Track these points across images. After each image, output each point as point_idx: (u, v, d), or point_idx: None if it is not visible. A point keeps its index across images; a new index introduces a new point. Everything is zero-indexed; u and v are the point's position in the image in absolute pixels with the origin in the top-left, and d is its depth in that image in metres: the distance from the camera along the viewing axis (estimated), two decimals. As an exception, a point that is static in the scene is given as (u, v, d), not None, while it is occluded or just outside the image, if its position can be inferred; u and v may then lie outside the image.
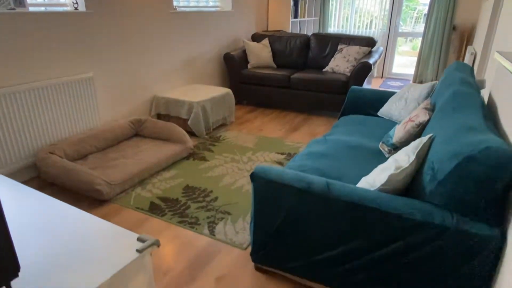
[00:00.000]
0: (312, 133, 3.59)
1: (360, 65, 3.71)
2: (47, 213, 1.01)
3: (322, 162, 1.92)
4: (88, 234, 0.92)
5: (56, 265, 0.80)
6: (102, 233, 0.92)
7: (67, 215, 1.00)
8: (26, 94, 2.40)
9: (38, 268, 0.79)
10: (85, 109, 2.83)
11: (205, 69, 4.29)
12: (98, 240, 0.89)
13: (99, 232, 0.93)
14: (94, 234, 0.92)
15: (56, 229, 0.93)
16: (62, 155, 2.51)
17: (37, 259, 0.82)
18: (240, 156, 3.00)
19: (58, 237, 0.90)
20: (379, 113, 2.82)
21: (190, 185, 2.51)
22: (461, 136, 1.27)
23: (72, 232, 0.92)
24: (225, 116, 3.76)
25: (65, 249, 0.85)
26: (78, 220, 0.98)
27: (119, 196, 2.35)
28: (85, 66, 2.83)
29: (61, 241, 0.88)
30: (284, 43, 4.60)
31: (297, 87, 4.07)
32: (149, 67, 3.46)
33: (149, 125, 3.14)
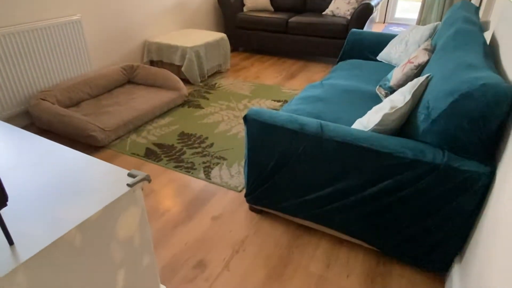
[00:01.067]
0: (310, 80, 3.52)
1: (361, 7, 3.53)
2: (37, 150, 1.00)
3: (317, 106, 1.90)
4: (79, 170, 0.92)
5: (46, 197, 0.81)
6: (93, 169, 0.92)
7: (58, 152, 1.00)
8: (10, 37, 2.29)
9: (28, 200, 0.80)
10: (74, 54, 2.73)
11: (199, 12, 4.08)
12: (89, 176, 0.89)
13: (90, 168, 0.93)
14: (85, 170, 0.92)
15: (46, 165, 0.93)
16: (54, 102, 2.46)
17: (27, 191, 0.82)
18: (236, 104, 2.96)
19: (48, 171, 0.90)
20: (378, 57, 2.74)
21: (185, 132, 2.50)
22: (459, 73, 1.23)
23: (62, 168, 0.92)
24: (220, 63, 3.65)
25: (55, 183, 0.86)
26: (69, 157, 0.97)
27: (114, 142, 2.35)
28: (71, 8, 2.67)
29: (51, 176, 0.89)
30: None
31: (295, 31, 3.91)
32: (139, 9, 3.28)
33: (141, 71, 3.05)
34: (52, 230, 0.71)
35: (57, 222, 0.73)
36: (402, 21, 6.06)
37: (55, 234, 0.70)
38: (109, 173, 0.90)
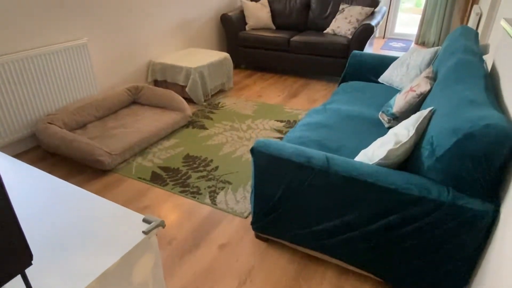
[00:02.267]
0: (312, 99, 3.56)
1: (362, 28, 3.59)
2: (52, 193, 1.03)
3: (321, 133, 1.93)
4: (94, 215, 0.94)
5: (64, 248, 0.83)
6: (108, 214, 0.94)
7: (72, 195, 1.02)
8: (20, 63, 2.34)
9: (47, 252, 0.82)
10: (81, 76, 2.77)
11: (201, 31, 4.15)
12: (104, 222, 0.92)
13: (104, 213, 0.95)
14: (100, 215, 0.94)
15: (61, 211, 0.95)
16: (61, 125, 2.50)
17: (44, 243, 0.84)
18: (239, 124, 3.00)
19: (63, 219, 0.93)
20: (380, 80, 2.78)
21: (190, 154, 2.53)
22: (462, 110, 1.26)
23: (77, 213, 0.95)
24: (223, 82, 3.70)
25: (72, 232, 0.88)
26: (83, 200, 1.00)
27: (120, 166, 2.38)
28: (79, 32, 2.73)
29: (67, 223, 0.91)
30: (283, 2, 4.41)
31: (297, 50, 3.97)
32: (144, 31, 3.34)
33: (146, 92, 3.10)
34: (73, 284, 0.73)
35: (77, 275, 0.75)
36: (401, 36, 6.14)
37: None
38: (124, 218, 0.93)
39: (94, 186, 2.17)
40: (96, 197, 1.02)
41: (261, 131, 2.88)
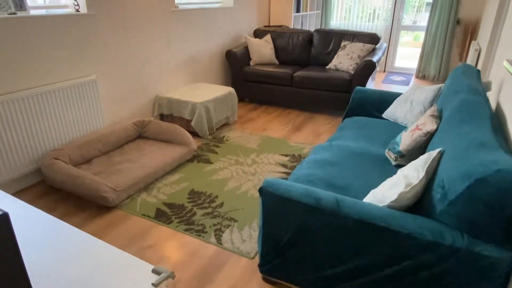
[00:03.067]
0: (316, 133, 3.58)
1: (364, 64, 3.68)
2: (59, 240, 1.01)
3: (329, 170, 1.92)
4: (102, 265, 0.92)
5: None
6: (116, 264, 0.92)
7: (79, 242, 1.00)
8: (30, 100, 2.38)
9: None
10: (89, 112, 2.81)
11: (207, 66, 4.25)
12: (113, 272, 0.89)
13: (113, 262, 0.93)
14: (108, 264, 0.92)
15: (69, 259, 0.93)
16: (67, 161, 2.50)
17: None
18: (244, 158, 3.00)
19: (72, 267, 0.90)
20: (384, 115, 2.81)
21: (195, 189, 2.51)
22: (472, 153, 1.26)
23: (85, 263, 0.92)
24: (228, 116, 3.74)
25: (80, 283, 0.85)
26: (91, 248, 0.98)
27: (124, 202, 2.35)
28: (88, 69, 2.80)
29: (75, 273, 0.88)
30: (286, 39, 4.55)
31: (300, 85, 4.04)
32: (151, 67, 3.43)
33: (152, 126, 3.13)
34: None
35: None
36: (402, 70, 6.27)
37: None
38: (133, 268, 0.90)
39: (98, 223, 2.14)
40: (105, 244, 1.00)
41: (266, 165, 2.88)
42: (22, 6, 2.36)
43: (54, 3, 2.65)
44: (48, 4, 2.62)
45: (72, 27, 2.62)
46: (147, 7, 3.23)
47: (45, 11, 2.58)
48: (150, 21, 3.30)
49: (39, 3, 2.56)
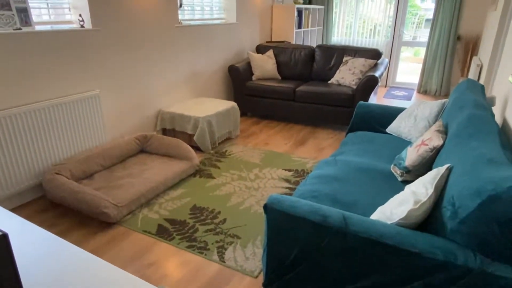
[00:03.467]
0: (319, 147, 3.56)
1: (366, 79, 3.69)
2: (59, 259, 0.98)
3: (334, 186, 1.89)
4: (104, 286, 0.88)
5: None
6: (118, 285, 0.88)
7: (80, 262, 0.97)
8: (33, 114, 2.38)
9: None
10: (91, 126, 2.81)
11: (210, 81, 4.27)
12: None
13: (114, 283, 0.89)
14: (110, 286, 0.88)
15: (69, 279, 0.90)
16: (69, 176, 2.48)
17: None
18: (247, 173, 2.97)
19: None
20: (388, 130, 2.79)
21: (197, 205, 2.47)
22: (482, 169, 1.23)
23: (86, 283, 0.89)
24: (230, 130, 3.73)
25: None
26: (92, 267, 0.94)
27: (126, 218, 2.32)
28: (91, 84, 2.81)
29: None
30: (288, 54, 4.59)
31: (302, 100, 4.05)
32: (154, 82, 3.44)
33: (155, 141, 3.11)
34: None
35: None
36: (403, 85, 6.29)
37: None
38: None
39: (99, 240, 2.10)
40: (105, 263, 0.96)
41: (269, 180, 2.84)
42: (27, 22, 2.38)
43: (59, 19, 2.68)
44: (53, 19, 2.64)
45: (77, 42, 2.64)
46: (151, 23, 3.26)
47: (50, 26, 2.61)
48: (154, 36, 3.33)
49: (44, 18, 2.59)
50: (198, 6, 4.08)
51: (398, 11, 5.91)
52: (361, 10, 6.27)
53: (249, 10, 4.83)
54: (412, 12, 6.29)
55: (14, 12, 2.30)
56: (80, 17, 2.71)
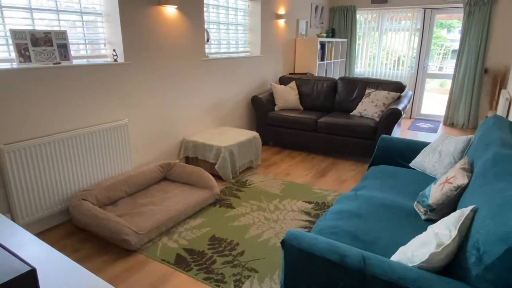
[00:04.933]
0: (340, 179, 3.52)
1: (390, 111, 3.67)
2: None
3: (354, 223, 1.86)
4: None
5: None
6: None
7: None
8: (65, 142, 2.51)
9: None
10: (118, 154, 2.92)
11: (233, 111, 4.38)
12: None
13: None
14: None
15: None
16: (94, 201, 2.57)
17: None
18: (266, 204, 2.96)
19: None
20: (411, 165, 2.74)
21: (216, 235, 2.48)
22: (508, 213, 1.19)
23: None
24: (251, 159, 3.77)
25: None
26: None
27: (146, 246, 2.35)
28: (121, 113, 2.95)
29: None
30: (311, 86, 4.66)
31: (324, 130, 4.06)
32: (179, 111, 3.57)
33: (177, 169, 3.19)
34: None
35: None
36: (428, 117, 6.18)
37: None
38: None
39: (118, 267, 2.13)
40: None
41: (289, 212, 2.82)
42: (66, 56, 2.58)
43: (95, 53, 2.88)
44: (89, 54, 2.84)
45: (109, 75, 2.81)
46: (179, 57, 3.43)
47: (87, 60, 2.80)
48: (181, 69, 3.49)
49: (81, 53, 2.79)
50: (224, 41, 4.26)
51: (422, 42, 5.92)
52: (385, 42, 6.33)
53: (273, 43, 4.99)
54: (438, 44, 6.28)
55: (55, 48, 2.50)
56: (114, 51, 2.90)
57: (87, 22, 2.78)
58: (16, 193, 2.28)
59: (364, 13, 6.41)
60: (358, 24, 6.46)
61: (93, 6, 2.80)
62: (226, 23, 4.22)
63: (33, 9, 2.41)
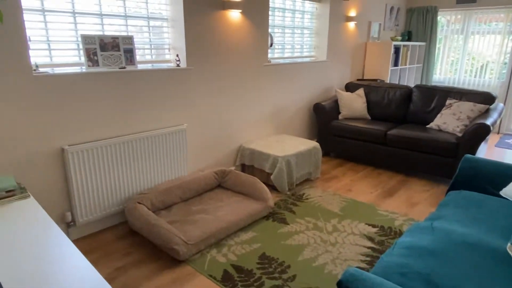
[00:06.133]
0: (411, 202, 3.12)
1: (476, 127, 3.16)
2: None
3: (429, 263, 1.55)
4: None
5: None
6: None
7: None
8: (126, 145, 2.56)
9: None
10: (175, 158, 2.92)
11: (293, 119, 4.19)
12: None
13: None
14: None
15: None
16: (149, 206, 2.57)
17: None
18: (324, 223, 2.72)
19: None
20: (502, 193, 2.28)
21: (267, 253, 2.31)
22: None
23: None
24: (310, 171, 3.54)
25: None
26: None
27: (194, 257, 2.27)
28: (180, 118, 2.95)
29: None
30: (381, 94, 4.27)
31: (394, 144, 3.66)
32: (238, 117, 3.48)
33: (232, 177, 3.09)
34: None
35: None
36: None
37: None
38: None
39: (165, 277, 2.08)
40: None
41: (349, 235, 2.54)
42: (131, 61, 2.63)
43: (160, 58, 2.91)
44: (154, 59, 2.88)
45: (172, 80, 2.81)
46: (241, 62, 3.35)
47: (151, 65, 2.84)
48: (242, 74, 3.40)
49: (147, 58, 2.84)
50: (289, 45, 4.10)
51: (518, 47, 5.11)
52: (470, 46, 5.61)
53: (341, 48, 4.70)
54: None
55: (121, 52, 2.56)
56: (177, 56, 2.90)
57: (153, 27, 2.82)
58: (77, 193, 2.36)
59: (447, 14, 5.76)
60: (439, 26, 5.83)
61: (160, 11, 2.83)
62: (291, 27, 4.05)
63: (103, 14, 2.50)
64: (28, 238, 1.22)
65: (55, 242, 1.20)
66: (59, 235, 1.24)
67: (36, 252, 1.14)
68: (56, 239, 1.22)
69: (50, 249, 1.15)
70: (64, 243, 1.19)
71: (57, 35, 2.31)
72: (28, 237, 1.23)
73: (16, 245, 1.18)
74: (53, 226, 1.29)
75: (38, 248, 1.16)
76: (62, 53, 2.36)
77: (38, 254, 1.13)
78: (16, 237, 1.23)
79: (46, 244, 1.18)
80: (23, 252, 1.14)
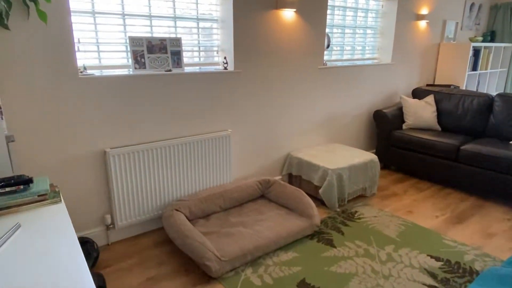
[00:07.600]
0: (486, 232, 2.63)
1: None
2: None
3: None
4: None
5: None
6: None
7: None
8: (169, 149, 2.49)
9: None
10: (218, 165, 2.80)
11: (348, 127, 3.84)
12: None
13: None
14: None
15: None
16: (187, 213, 2.48)
17: None
18: (376, 250, 2.38)
19: None
20: None
21: (307, 280, 2.07)
22: None
23: None
24: (365, 187, 3.19)
25: None
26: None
27: (227, 275, 2.11)
28: (225, 123, 2.82)
29: None
30: (455, 102, 3.73)
31: (468, 161, 3.15)
32: (287, 124, 3.26)
33: (276, 188, 2.88)
34: None
35: None
36: None
37: None
38: None
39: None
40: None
41: (406, 268, 2.19)
42: (178, 64, 2.56)
43: (208, 61, 2.81)
44: (202, 61, 2.79)
45: (218, 83, 2.69)
46: (292, 65, 3.13)
47: (199, 68, 2.75)
48: (294, 78, 3.17)
49: (195, 60, 2.75)
50: (349, 46, 3.77)
51: None
52: None
53: (409, 49, 4.22)
54: None
55: (168, 55, 2.50)
56: (225, 59, 2.77)
57: (203, 28, 2.72)
58: (118, 196, 2.34)
59: (544, 9, 4.90)
60: (532, 24, 4.99)
61: (210, 12, 2.73)
62: (352, 27, 3.71)
63: (152, 16, 2.46)
64: (41, 249, 1.14)
65: (65, 261, 1.10)
66: (72, 250, 1.13)
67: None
68: (66, 257, 1.12)
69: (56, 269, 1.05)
70: (73, 260, 1.08)
71: (106, 37, 2.31)
72: (41, 248, 1.15)
73: (28, 254, 1.11)
74: (71, 236, 1.20)
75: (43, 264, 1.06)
76: (111, 55, 2.36)
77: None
78: (33, 246, 1.16)
79: (55, 260, 1.09)
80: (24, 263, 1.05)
